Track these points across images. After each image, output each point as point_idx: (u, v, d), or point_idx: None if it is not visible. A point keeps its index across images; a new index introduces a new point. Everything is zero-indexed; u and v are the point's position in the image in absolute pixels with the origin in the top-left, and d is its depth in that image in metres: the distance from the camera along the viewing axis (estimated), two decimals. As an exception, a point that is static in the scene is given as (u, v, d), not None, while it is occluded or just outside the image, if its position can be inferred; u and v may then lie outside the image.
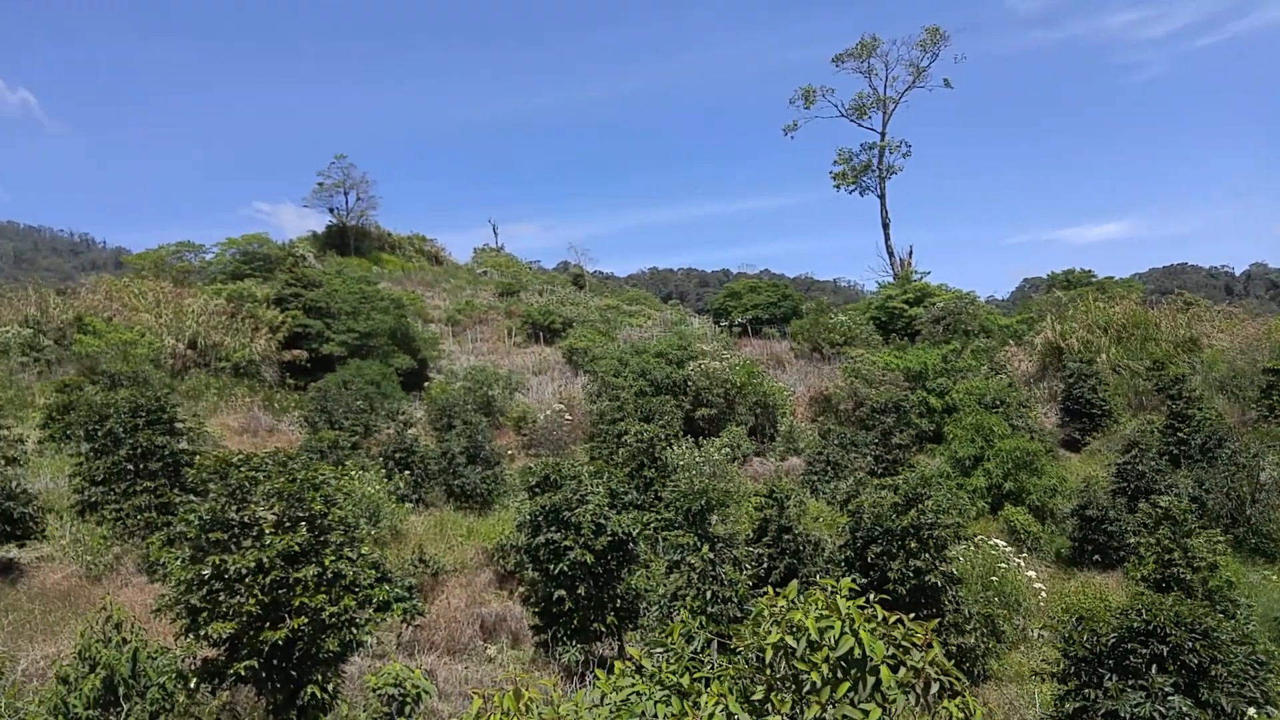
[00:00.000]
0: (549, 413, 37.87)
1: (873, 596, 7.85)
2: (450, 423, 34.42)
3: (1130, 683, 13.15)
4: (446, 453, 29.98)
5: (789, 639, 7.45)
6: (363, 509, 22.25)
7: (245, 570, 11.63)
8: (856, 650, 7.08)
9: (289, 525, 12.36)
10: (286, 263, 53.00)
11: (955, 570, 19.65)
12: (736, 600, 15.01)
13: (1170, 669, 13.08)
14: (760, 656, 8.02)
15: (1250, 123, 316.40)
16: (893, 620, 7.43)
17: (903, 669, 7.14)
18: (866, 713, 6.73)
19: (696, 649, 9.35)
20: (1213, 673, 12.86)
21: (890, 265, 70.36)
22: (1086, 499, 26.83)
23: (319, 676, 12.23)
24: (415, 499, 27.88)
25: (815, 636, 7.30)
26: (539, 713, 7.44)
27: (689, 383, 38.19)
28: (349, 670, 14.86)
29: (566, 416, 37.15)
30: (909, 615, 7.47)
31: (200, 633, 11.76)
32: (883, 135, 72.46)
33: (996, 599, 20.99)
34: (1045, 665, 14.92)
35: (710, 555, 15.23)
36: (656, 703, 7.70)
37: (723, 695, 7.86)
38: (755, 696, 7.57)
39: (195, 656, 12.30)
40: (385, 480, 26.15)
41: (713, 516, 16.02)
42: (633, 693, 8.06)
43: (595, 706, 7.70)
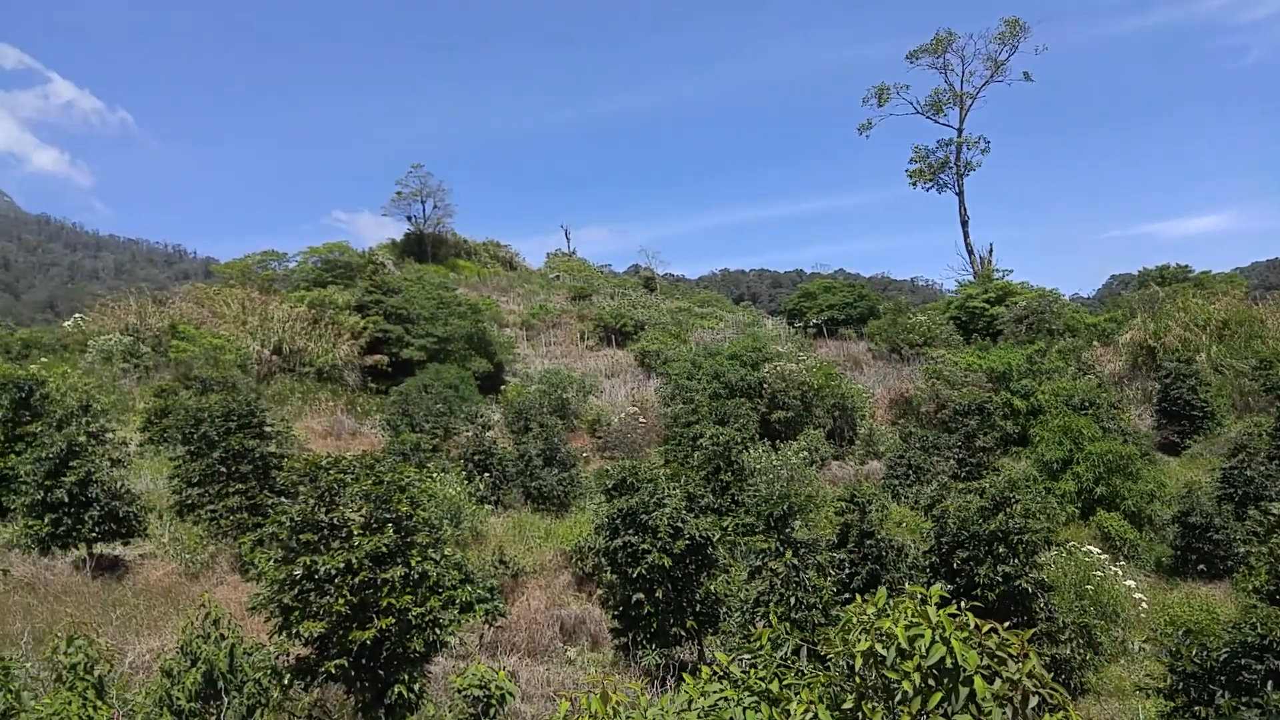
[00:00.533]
0: (623, 415, 37.97)
1: (963, 604, 7.62)
2: (527, 425, 34.78)
3: (1244, 700, 12.49)
4: (524, 455, 30.28)
5: (879, 647, 7.26)
6: (445, 511, 22.61)
7: (334, 571, 11.89)
8: (948, 660, 6.87)
9: (376, 527, 12.60)
10: (367, 270, 54.30)
11: (1046, 577, 19.00)
12: (821, 606, 14.76)
13: (1287, 686, 12.38)
14: (850, 664, 7.86)
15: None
16: (986, 629, 7.19)
17: (998, 680, 6.90)
18: (962, 725, 6.52)
19: (785, 655, 9.21)
20: (1332, 690, 12.14)
21: (970, 263, 68.74)
22: (1189, 505, 25.67)
23: (405, 676, 12.43)
24: (494, 501, 28.23)
25: (905, 645, 7.11)
26: (625, 716, 7.41)
27: (764, 385, 37.84)
28: (434, 670, 15.07)
29: (640, 419, 37.19)
30: (1000, 624, 7.23)
31: (292, 631, 12.07)
32: (960, 131, 70.84)
33: (1092, 608, 20.21)
34: (1150, 680, 14.24)
35: (793, 561, 15.01)
36: (745, 709, 7.61)
37: (813, 703, 7.72)
38: (845, 705, 7.42)
39: (288, 654, 12.62)
40: (466, 482, 26.54)
41: (795, 521, 15.79)
42: (720, 698, 7.97)
43: (682, 711, 7.64)
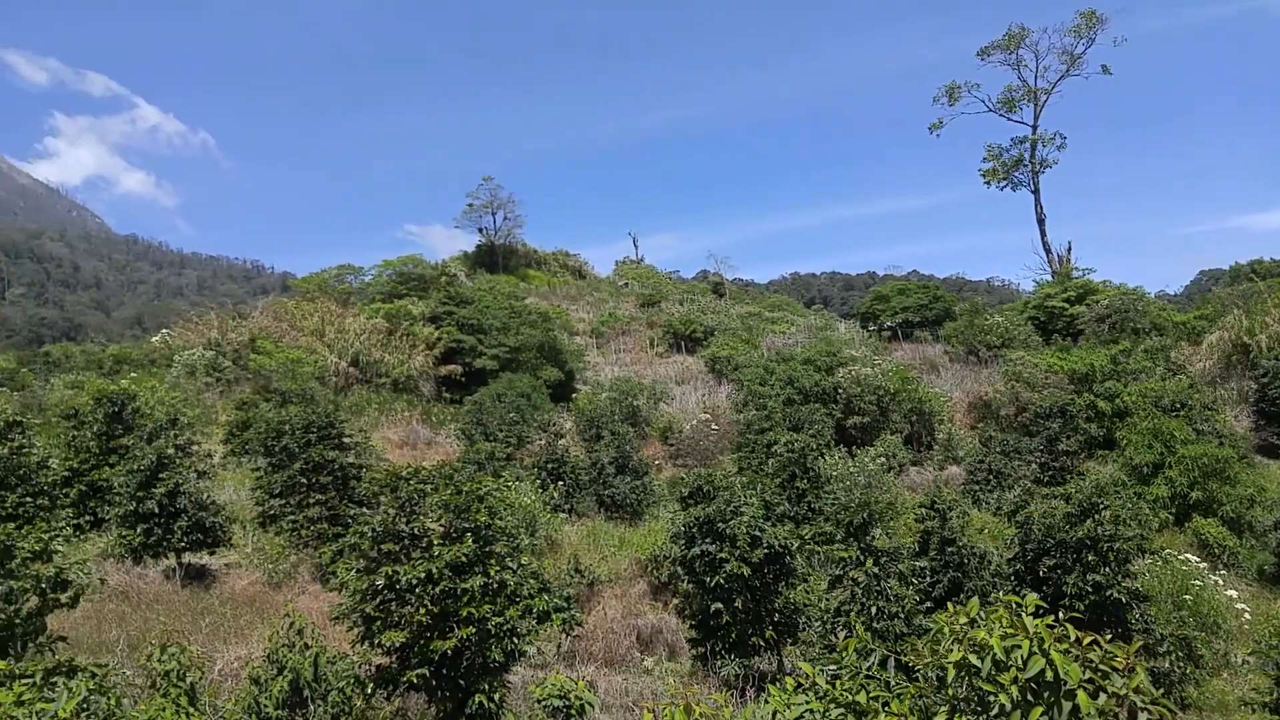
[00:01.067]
0: (694, 423, 37.79)
1: (1062, 615, 7.31)
2: (598, 433, 34.85)
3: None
4: (596, 463, 30.32)
5: (972, 658, 7.00)
6: (521, 520, 22.73)
7: (415, 581, 11.98)
8: (1048, 672, 6.59)
9: (456, 536, 12.67)
10: (440, 281, 55.29)
11: (1141, 587, 18.23)
12: (903, 616, 14.38)
13: None
14: (940, 676, 7.60)
15: None
16: (1087, 640, 6.87)
17: (1102, 695, 6.58)
18: (1067, 742, 6.23)
19: (871, 666, 8.96)
20: None
21: (1048, 262, 66.68)
22: (1292, 510, 24.44)
23: (486, 686, 12.45)
24: (567, 509, 28.31)
25: (1001, 656, 6.84)
26: (710, 728, 7.28)
27: (839, 390, 37.27)
28: (513, 680, 15.11)
29: (713, 426, 36.95)
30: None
31: (374, 641, 12.21)
32: (1034, 128, 68.84)
33: (1191, 619, 19.33)
34: (1255, 695, 13.54)
35: (875, 570, 14.66)
36: (832, 721, 7.41)
37: (902, 715, 7.49)
38: (937, 718, 7.17)
39: (370, 663, 12.78)
40: (540, 491, 26.67)
41: (876, 529, 15.43)
42: (806, 709, 7.78)
43: (768, 723, 7.48)
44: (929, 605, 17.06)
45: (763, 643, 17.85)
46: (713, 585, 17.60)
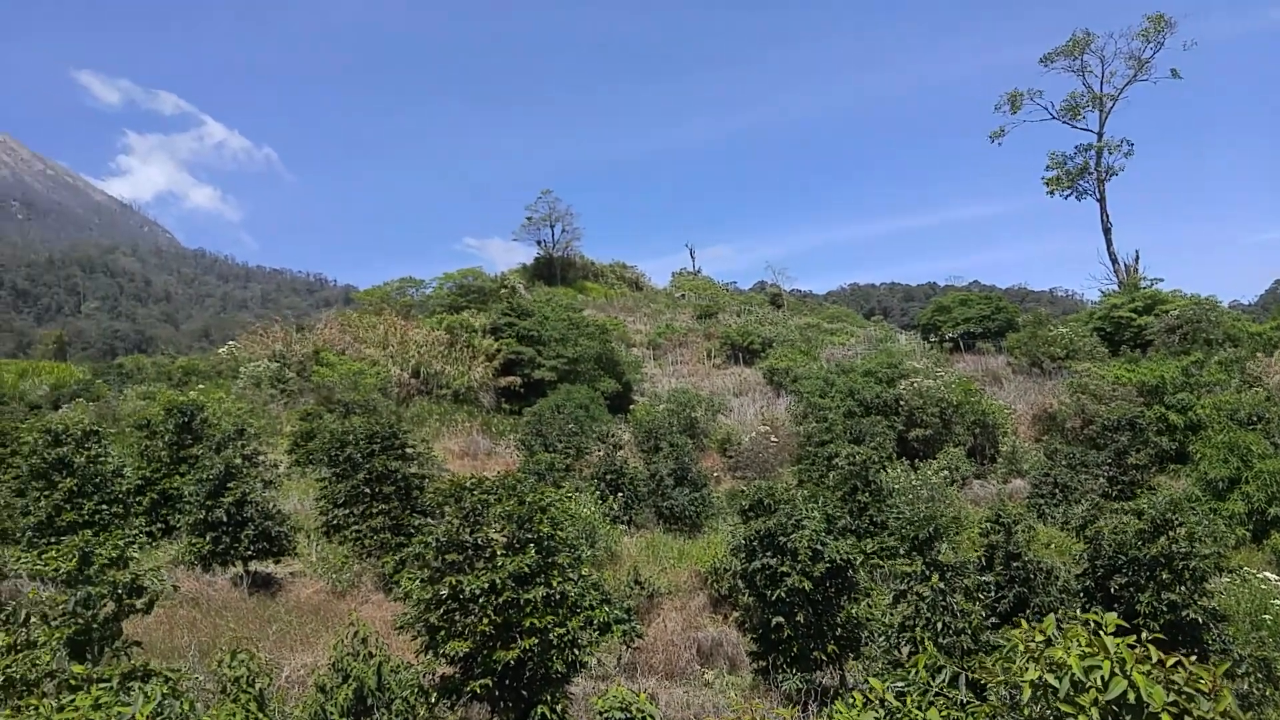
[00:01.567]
0: (753, 435, 37.57)
1: (1145, 635, 7.10)
2: (656, 445, 34.83)
3: None
4: (655, 475, 30.30)
5: (1050, 678, 6.84)
6: (581, 531, 22.80)
7: (479, 591, 12.08)
8: (1130, 695, 6.40)
9: (518, 547, 12.75)
10: (499, 293, 55.90)
11: (1218, 606, 17.61)
12: (970, 632, 14.08)
13: None
14: (1013, 695, 7.44)
15: None
16: (1170, 662, 6.67)
17: (1187, 719, 6.38)
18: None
19: (941, 684, 8.80)
20: None
21: (1114, 272, 64.98)
22: (1377, 528, 23.42)
23: (548, 697, 12.49)
24: (626, 520, 28.32)
25: (1081, 677, 6.67)
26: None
27: (901, 402, 36.77)
28: (574, 691, 15.13)
29: (772, 438, 36.70)
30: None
31: (438, 650, 12.33)
32: (1100, 135, 67.22)
33: (1271, 639, 18.61)
34: (1342, 718, 12.99)
35: (940, 585, 14.39)
36: (904, 740, 7.30)
37: (976, 736, 7.34)
38: (1012, 739, 7.02)
39: (434, 673, 12.90)
40: (600, 502, 26.74)
41: (941, 544, 15.15)
42: (875, 728, 7.66)
43: (837, 741, 7.39)
44: (994, 621, 16.71)
45: (825, 657, 17.62)
46: (774, 599, 17.43)
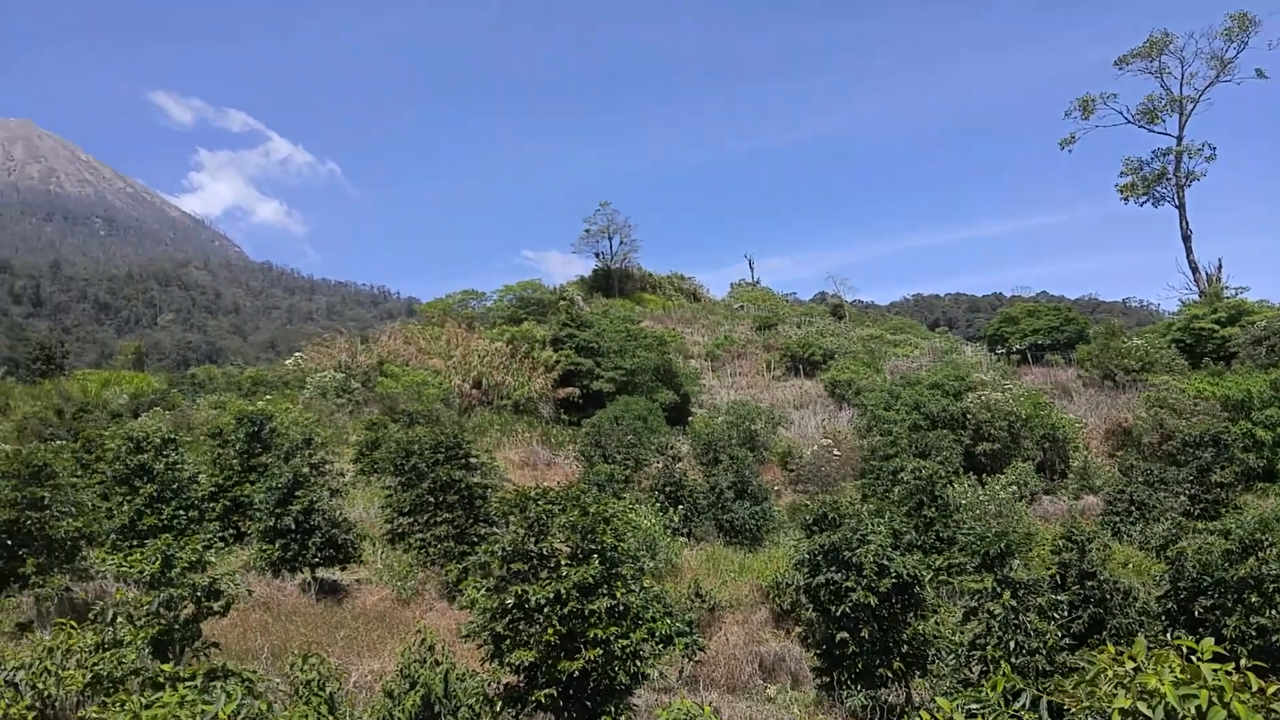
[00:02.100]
0: (815, 448, 37.09)
1: (1244, 662, 6.73)
2: (716, 457, 34.61)
3: None
4: (715, 487, 30.08)
5: (1142, 706, 6.51)
6: (641, 542, 22.71)
7: (544, 601, 12.07)
8: (1230, 726, 6.06)
9: (582, 558, 12.72)
10: (558, 305, 56.24)
11: (1313, 631, 16.77)
12: (1045, 653, 13.63)
13: None
14: (1099, 723, 7.11)
15: None
16: (1271, 690, 6.31)
17: (1292, 752, 6.03)
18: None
19: (1022, 708, 8.47)
20: None
21: (1194, 281, 62.73)
22: None
23: (612, 708, 12.42)
24: (686, 533, 28.15)
25: (1176, 706, 6.33)
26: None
27: (968, 416, 35.98)
28: (637, 703, 15.02)
29: (834, 452, 36.18)
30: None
31: (503, 659, 12.34)
32: (1179, 139, 65.07)
33: (1369, 668, 17.66)
34: None
35: (1012, 603, 13.96)
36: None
37: (1061, 764, 7.04)
38: (1099, 768, 6.71)
39: (499, 681, 12.92)
40: (660, 514, 26.62)
41: (1014, 560, 14.71)
42: (953, 752, 7.40)
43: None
44: (1068, 642, 16.18)
45: (890, 674, 17.26)
46: (838, 614, 17.15)
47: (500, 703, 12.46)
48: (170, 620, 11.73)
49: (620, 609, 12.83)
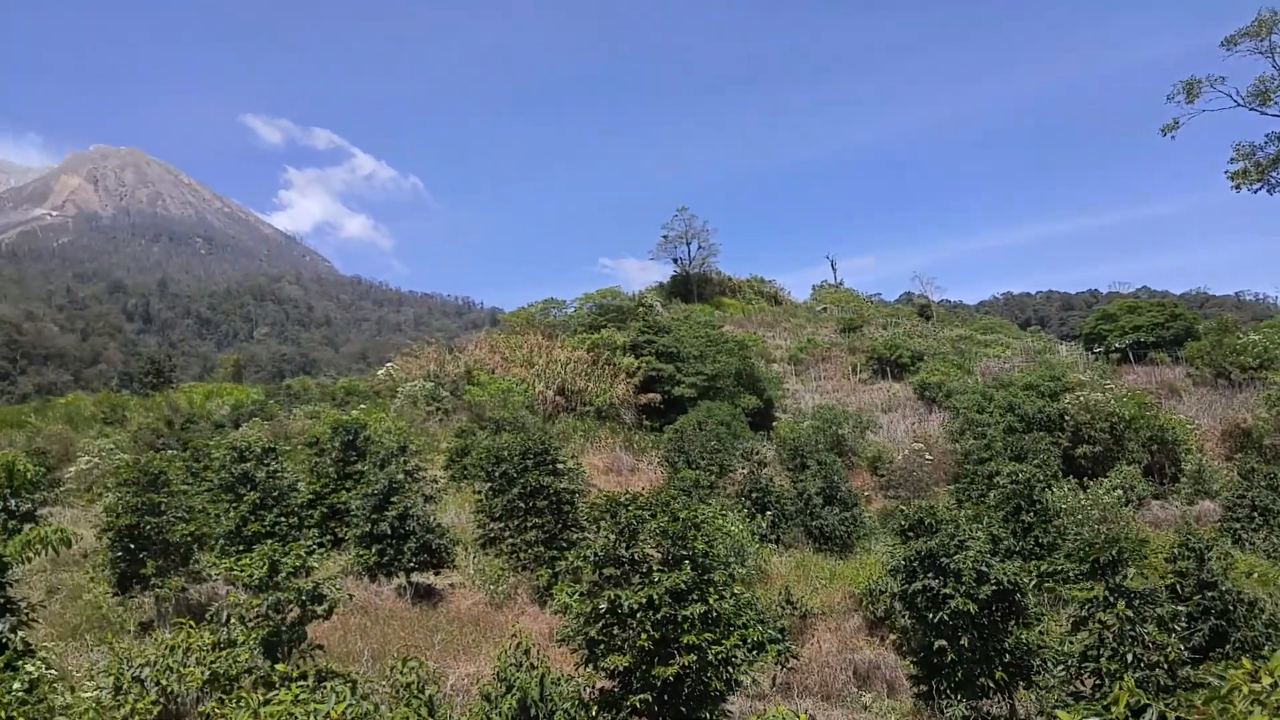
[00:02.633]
0: (906, 452, 36.22)
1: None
2: (803, 463, 34.10)
3: None
4: (803, 493, 29.63)
5: (1286, 728, 6.05)
6: (730, 549, 22.48)
7: (637, 606, 12.00)
8: (1383, 746, 5.59)
9: (674, 563, 12.62)
10: (638, 312, 56.33)
11: None
12: (1166, 667, 12.93)
13: None
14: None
15: None
16: None
17: None
18: None
19: (1147, 724, 7.99)
20: None
21: (1315, 272, 59.47)
22: None
23: (706, 715, 12.27)
24: (774, 539, 27.79)
25: (1326, 727, 5.88)
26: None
27: (1066, 417, 34.67)
28: (730, 710, 14.82)
29: (926, 456, 35.27)
30: None
31: (598, 664, 12.31)
32: (1296, 121, 61.80)
33: None
34: None
35: (1127, 613, 13.29)
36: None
37: (1196, 785, 6.60)
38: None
39: (593, 686, 12.89)
40: (748, 520, 26.33)
41: (1128, 568, 14.00)
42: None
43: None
44: (1188, 656, 15.33)
45: (992, 684, 16.66)
46: (935, 622, 16.66)
47: (595, 707, 12.41)
48: (278, 622, 12.08)
49: (713, 615, 12.67)
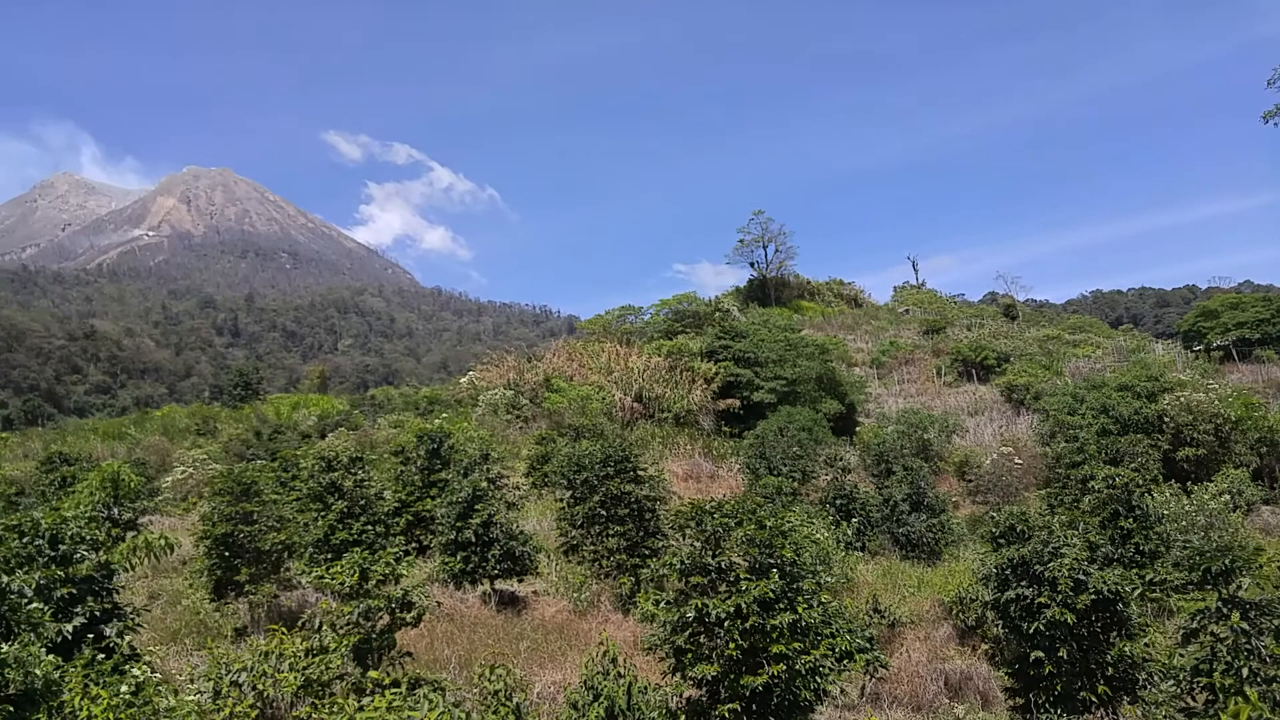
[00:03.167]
0: (995, 457, 35.18)
1: None
2: (888, 468, 33.43)
3: None
4: (888, 500, 29.03)
5: None
6: (815, 556, 22.15)
7: (724, 615, 11.88)
8: None
9: (761, 572, 12.45)
10: (715, 317, 56.13)
11: None
12: (1287, 681, 12.21)
13: None
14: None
15: None
16: None
17: None
18: None
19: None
20: None
21: None
22: None
23: (796, 726, 12.05)
24: (859, 547, 27.29)
25: None
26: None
27: (1164, 419, 33.20)
28: (820, 721, 14.57)
29: (1016, 460, 34.19)
30: None
31: (685, 673, 12.22)
32: (1406, 104, 58.28)
33: None
34: None
35: (1243, 625, 12.60)
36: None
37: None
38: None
39: (681, 695, 12.80)
40: (833, 527, 25.92)
41: (1243, 578, 13.28)
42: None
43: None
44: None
45: (1094, 699, 16.02)
46: (1031, 632, 16.13)
47: (683, 716, 12.34)
48: (369, 629, 12.30)
49: (801, 624, 12.47)
